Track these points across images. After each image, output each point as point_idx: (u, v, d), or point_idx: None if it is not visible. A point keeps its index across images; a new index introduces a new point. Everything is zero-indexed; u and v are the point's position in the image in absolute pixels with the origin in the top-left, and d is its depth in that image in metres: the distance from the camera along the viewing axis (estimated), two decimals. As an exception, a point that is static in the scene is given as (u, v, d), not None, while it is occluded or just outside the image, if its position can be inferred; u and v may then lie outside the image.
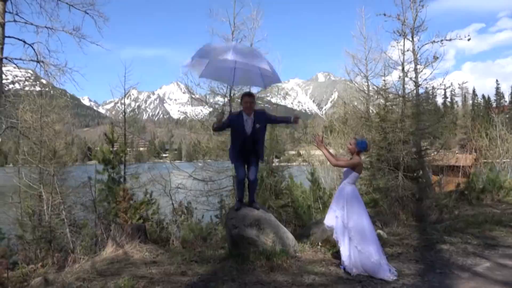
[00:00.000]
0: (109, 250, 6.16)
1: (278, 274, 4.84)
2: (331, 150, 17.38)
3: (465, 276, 4.83)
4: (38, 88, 15.85)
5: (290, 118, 5.87)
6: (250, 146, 5.68)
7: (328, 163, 5.31)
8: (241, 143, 5.68)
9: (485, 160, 16.89)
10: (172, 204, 11.27)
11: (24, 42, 8.47)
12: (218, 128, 5.75)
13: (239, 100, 6.00)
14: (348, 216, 4.99)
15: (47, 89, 15.41)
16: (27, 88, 16.88)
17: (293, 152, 29.92)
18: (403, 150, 9.05)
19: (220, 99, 12.54)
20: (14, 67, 8.96)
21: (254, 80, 5.99)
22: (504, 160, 16.44)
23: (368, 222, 5.02)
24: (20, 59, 8.49)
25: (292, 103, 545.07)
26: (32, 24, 8.46)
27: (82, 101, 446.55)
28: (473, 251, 5.94)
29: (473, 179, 11.80)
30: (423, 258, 5.65)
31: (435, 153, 10.24)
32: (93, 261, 5.74)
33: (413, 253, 5.89)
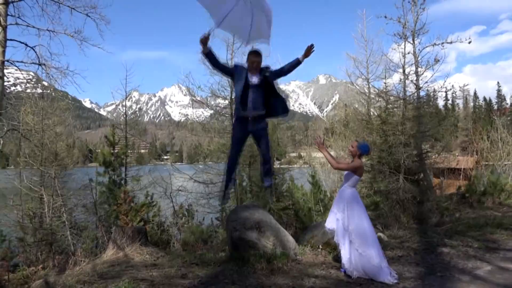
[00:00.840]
0: (110, 253, 6.16)
1: (279, 277, 4.84)
2: (332, 153, 17.41)
3: (465, 279, 4.82)
4: (39, 91, 15.88)
5: (298, 59, 5.14)
6: (257, 98, 5.02)
7: (329, 165, 5.30)
8: (243, 95, 4.96)
9: (486, 163, 16.88)
10: (173, 206, 11.29)
11: (26, 45, 8.50)
12: (211, 59, 4.96)
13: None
14: (349, 219, 4.99)
15: (48, 91, 15.43)
16: (28, 91, 16.94)
17: (294, 154, 29.89)
18: (404, 152, 9.04)
19: (221, 101, 12.58)
20: (16, 70, 8.97)
21: (241, 28, 5.20)
22: (506, 163, 16.41)
23: (369, 225, 5.02)
24: (22, 61, 8.50)
25: (293, 105, 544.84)
26: (34, 27, 8.48)
27: (83, 103, 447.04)
28: (474, 254, 5.93)
29: (474, 181, 11.79)
30: (423, 261, 5.64)
31: (436, 155, 10.23)
32: (94, 263, 5.74)
33: (414, 256, 5.89)
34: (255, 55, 5.04)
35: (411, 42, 10.13)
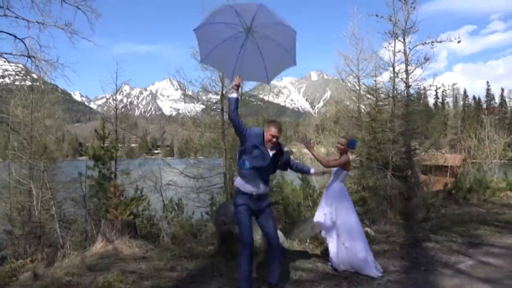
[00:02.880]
0: (99, 246, 6.18)
1: (266, 270, 4.91)
2: (322, 149, 17.52)
3: (448, 273, 4.95)
4: (28, 83, 15.74)
5: (309, 171, 4.94)
6: (267, 175, 4.38)
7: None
8: (255, 167, 4.19)
9: (473, 161, 17.13)
10: (163, 200, 11.29)
11: (15, 36, 8.39)
12: (235, 117, 4.20)
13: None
14: (337, 214, 5.07)
15: (37, 84, 15.29)
16: (17, 83, 16.75)
17: (285, 149, 29.95)
18: (392, 149, 9.18)
19: (212, 96, 12.60)
20: (4, 62, 8.86)
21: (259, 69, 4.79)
22: (492, 161, 16.69)
23: (356, 219, 5.11)
24: (11, 53, 8.40)
25: (285, 101, 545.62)
26: (23, 19, 8.36)
27: (73, 96, 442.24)
28: (457, 249, 6.08)
29: (460, 179, 11.99)
30: (408, 255, 5.76)
31: (424, 153, 10.38)
32: (83, 256, 5.76)
33: (399, 251, 6.01)
34: (277, 129, 4.31)
35: (402, 40, 10.24)
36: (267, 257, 4.36)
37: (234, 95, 4.20)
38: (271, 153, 4.28)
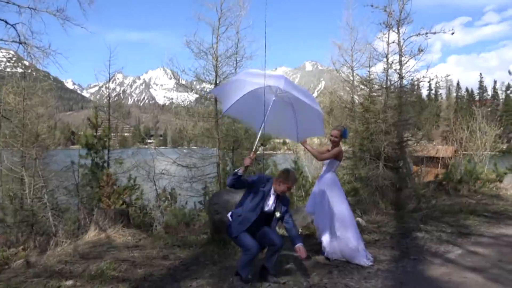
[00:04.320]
0: (92, 234, 6.19)
1: (259, 260, 4.96)
2: (316, 140, 17.56)
3: (437, 262, 5.04)
4: (20, 70, 15.54)
5: (297, 242, 4.21)
6: (260, 222, 4.29)
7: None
8: (250, 215, 4.20)
9: (465, 152, 17.29)
10: (156, 190, 11.32)
11: (6, 22, 8.23)
12: (235, 183, 4.14)
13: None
14: (329, 203, 5.13)
15: (29, 71, 15.10)
16: (8, 70, 16.54)
17: (278, 140, 30.04)
18: (385, 140, 9.22)
19: (206, 86, 12.55)
20: (-5, 47, 8.73)
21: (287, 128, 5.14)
22: (483, 152, 16.86)
23: (348, 209, 5.17)
24: (2, 39, 8.25)
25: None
26: (14, 4, 8.19)
27: (65, 84, 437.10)
28: (446, 239, 6.18)
29: (451, 170, 12.11)
30: (398, 245, 5.85)
31: (416, 144, 10.45)
32: (76, 244, 5.77)
33: (390, 240, 6.10)
34: (291, 182, 4.32)
35: (396, 31, 10.22)
36: (267, 251, 4.37)
37: (240, 172, 4.11)
38: (274, 200, 4.30)
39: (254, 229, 4.23)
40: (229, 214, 4.36)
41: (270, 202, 4.27)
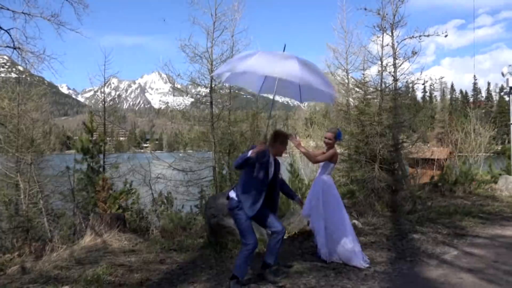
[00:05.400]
0: (88, 239, 6.16)
1: (255, 262, 4.96)
2: (312, 143, 17.61)
3: (433, 263, 5.07)
4: (14, 75, 15.49)
5: (295, 197, 5.00)
6: (268, 194, 4.37)
7: (309, 154, 5.43)
8: (260, 188, 4.23)
9: (459, 154, 17.36)
10: (152, 194, 11.29)
11: (0, 27, 8.23)
12: (244, 165, 4.11)
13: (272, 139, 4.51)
14: (324, 206, 5.14)
15: (24, 76, 15.04)
16: (3, 75, 16.48)
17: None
18: (380, 143, 9.25)
19: (201, 90, 12.56)
20: (-11, 53, 8.70)
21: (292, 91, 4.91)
22: (478, 154, 16.95)
23: (343, 211, 5.19)
24: (-4, 44, 8.24)
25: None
26: (8, 9, 8.18)
27: (60, 89, 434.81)
28: (442, 240, 6.21)
29: (446, 172, 12.18)
30: (395, 246, 5.87)
31: (411, 146, 10.50)
32: (72, 249, 5.74)
33: (386, 242, 6.11)
34: (286, 143, 4.60)
35: (390, 34, 10.29)
36: (270, 240, 4.43)
37: (248, 154, 3.98)
38: (273, 165, 4.40)
39: (260, 210, 4.22)
40: (232, 195, 4.26)
41: (272, 168, 4.39)
